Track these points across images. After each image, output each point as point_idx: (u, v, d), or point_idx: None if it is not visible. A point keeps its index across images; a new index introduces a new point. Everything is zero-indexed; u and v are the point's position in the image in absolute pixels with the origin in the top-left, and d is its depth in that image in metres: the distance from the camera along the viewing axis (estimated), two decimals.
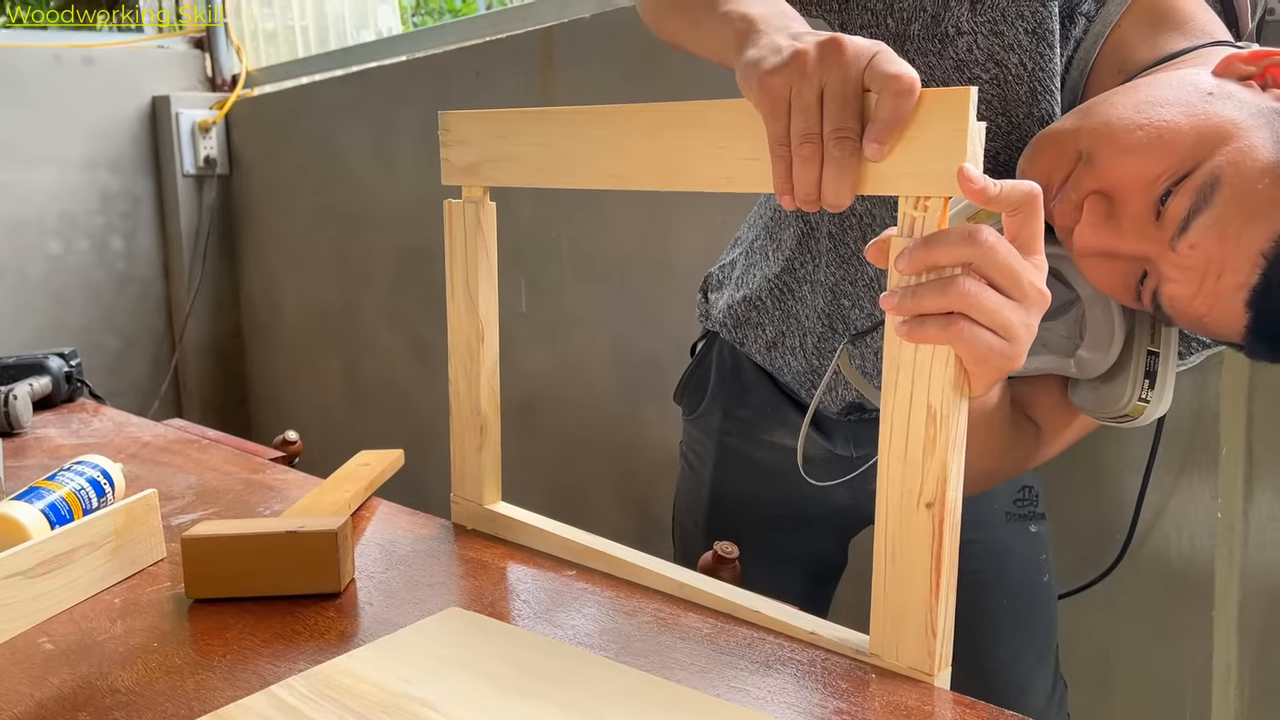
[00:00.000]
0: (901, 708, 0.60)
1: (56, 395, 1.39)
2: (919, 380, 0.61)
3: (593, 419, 1.96)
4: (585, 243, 1.91)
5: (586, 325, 1.94)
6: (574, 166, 0.77)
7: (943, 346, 0.59)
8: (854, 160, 0.59)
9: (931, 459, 0.61)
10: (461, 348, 0.90)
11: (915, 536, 0.62)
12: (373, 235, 2.50)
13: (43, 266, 2.81)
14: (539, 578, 0.82)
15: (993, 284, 0.58)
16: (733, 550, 1.07)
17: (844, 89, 0.58)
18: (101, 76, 2.86)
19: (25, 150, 2.74)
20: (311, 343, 2.82)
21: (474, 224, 0.86)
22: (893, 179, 0.59)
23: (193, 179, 2.94)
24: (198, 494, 1.04)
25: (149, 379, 3.01)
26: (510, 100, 2.00)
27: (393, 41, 2.54)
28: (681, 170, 0.70)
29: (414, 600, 0.77)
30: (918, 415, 0.61)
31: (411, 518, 0.96)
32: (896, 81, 0.56)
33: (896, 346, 0.61)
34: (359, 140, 2.48)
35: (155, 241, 3.00)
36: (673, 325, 1.78)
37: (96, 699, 0.64)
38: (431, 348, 2.38)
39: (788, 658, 0.67)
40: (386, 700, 0.58)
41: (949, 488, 0.61)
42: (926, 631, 0.62)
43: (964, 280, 0.57)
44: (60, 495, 0.86)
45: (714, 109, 0.68)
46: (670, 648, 0.68)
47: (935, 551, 0.61)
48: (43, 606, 0.75)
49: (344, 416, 2.73)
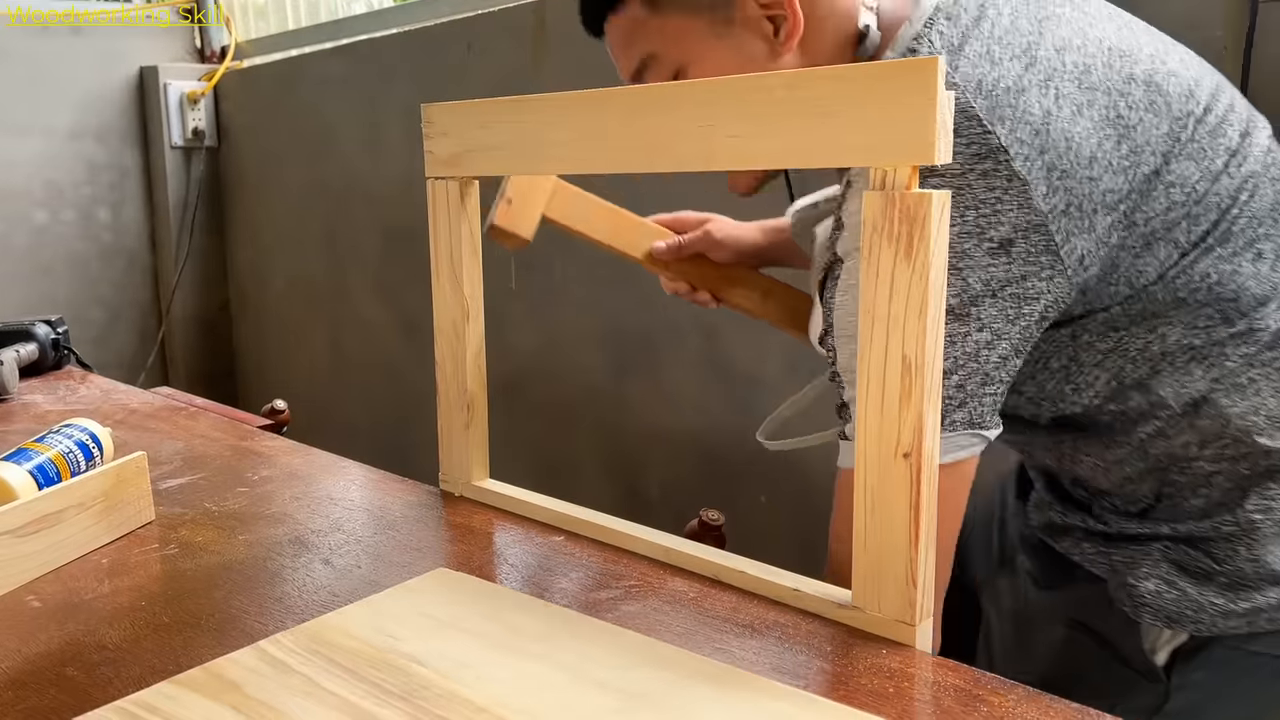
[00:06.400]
0: (884, 669, 0.61)
1: (43, 362, 1.39)
2: (894, 331, 0.61)
3: (581, 395, 1.97)
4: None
5: (576, 302, 1.94)
6: (556, 152, 0.78)
7: (915, 298, 0.60)
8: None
9: (908, 409, 0.61)
10: (447, 327, 0.90)
11: (894, 487, 0.63)
12: (361, 209, 2.49)
13: (28, 237, 2.79)
14: (526, 543, 0.82)
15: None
16: (719, 518, 1.07)
17: None
18: (89, 46, 2.83)
19: (11, 120, 2.72)
20: (299, 316, 2.82)
21: (458, 203, 0.87)
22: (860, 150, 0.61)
23: (181, 151, 2.92)
24: (185, 460, 1.04)
25: (135, 351, 2.99)
26: (503, 73, 1.99)
27: (384, 14, 2.53)
28: (663, 151, 0.71)
29: (401, 563, 0.78)
30: (893, 366, 0.62)
31: (400, 484, 0.96)
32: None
33: (871, 298, 0.62)
34: (349, 114, 2.47)
35: (142, 213, 2.98)
36: (661, 303, 1.79)
37: (84, 655, 0.64)
38: (418, 323, 2.38)
39: (772, 620, 0.68)
40: (374, 656, 0.59)
41: (925, 437, 0.61)
42: (908, 582, 0.63)
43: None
44: (48, 457, 0.85)
45: (695, 88, 0.69)
46: (655, 610, 0.69)
47: (914, 501, 0.62)
48: (31, 566, 0.75)
49: (330, 390, 2.72)
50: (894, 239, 0.61)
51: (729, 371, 1.71)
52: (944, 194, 0.60)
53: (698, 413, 1.77)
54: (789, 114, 0.64)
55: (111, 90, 2.88)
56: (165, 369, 3.05)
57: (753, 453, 1.71)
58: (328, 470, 1.01)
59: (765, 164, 0.67)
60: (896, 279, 0.61)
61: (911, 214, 0.60)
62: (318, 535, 0.84)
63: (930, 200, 0.59)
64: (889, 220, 0.61)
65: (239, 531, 0.85)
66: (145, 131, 2.95)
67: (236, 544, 0.82)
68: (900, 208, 0.60)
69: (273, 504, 0.92)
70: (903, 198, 0.60)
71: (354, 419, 2.61)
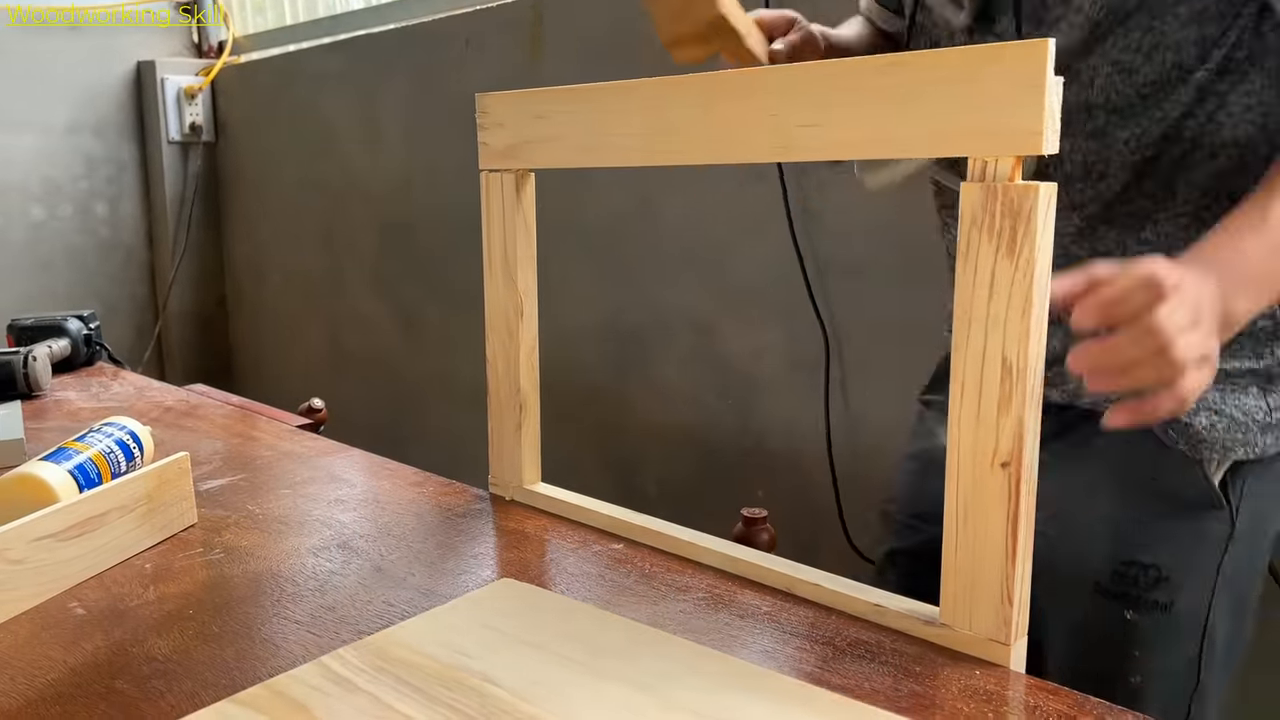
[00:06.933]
0: (979, 692, 0.58)
1: (76, 358, 1.36)
2: (993, 332, 0.58)
3: (578, 393, 1.94)
4: (572, 219, 1.88)
5: (575, 299, 1.92)
6: (621, 144, 0.74)
7: (1018, 297, 0.57)
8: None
9: (1007, 416, 0.58)
10: (500, 324, 0.87)
11: (990, 499, 0.59)
12: (358, 204, 2.47)
13: (26, 232, 2.76)
14: (583, 550, 0.79)
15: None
16: (759, 510, 1.04)
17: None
18: (86, 41, 2.80)
19: (8, 114, 2.69)
20: (295, 311, 2.80)
21: (513, 197, 0.83)
22: (958, 138, 0.57)
23: (178, 146, 2.89)
24: (224, 460, 1.01)
25: (132, 346, 2.97)
26: (500, 69, 1.97)
27: (382, 10, 2.50)
28: (735, 142, 0.67)
29: (457, 571, 0.74)
30: (991, 369, 0.58)
31: (447, 487, 0.93)
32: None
33: (969, 297, 0.58)
34: (346, 108, 2.45)
35: (139, 208, 2.96)
36: (660, 299, 1.76)
37: (133, 666, 0.61)
38: (415, 318, 2.36)
39: (853, 637, 0.64)
40: (444, 674, 0.55)
41: (1025, 446, 0.58)
42: (1002, 599, 0.60)
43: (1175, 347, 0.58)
44: (89, 456, 0.83)
45: (768, 75, 0.65)
46: (729, 625, 0.66)
47: (1012, 514, 0.59)
48: (73, 571, 0.73)
49: (327, 386, 2.70)
50: (995, 234, 0.57)
51: (726, 368, 1.69)
52: (1050, 186, 0.57)
53: (695, 409, 1.75)
54: (874, 101, 0.60)
55: (109, 85, 2.85)
56: (162, 364, 3.03)
57: (749, 449, 1.69)
58: (371, 471, 0.98)
59: (846, 154, 0.64)
60: (997, 277, 0.57)
61: (1015, 208, 0.56)
62: (366, 540, 0.81)
63: (1036, 193, 0.56)
64: (990, 214, 0.57)
65: (284, 535, 0.82)
66: (142, 127, 2.92)
67: (282, 549, 0.79)
68: (1003, 201, 0.57)
69: (317, 506, 0.89)
70: (1005, 190, 0.57)
71: (351, 414, 2.58)
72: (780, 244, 1.55)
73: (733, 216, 1.64)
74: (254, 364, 3.04)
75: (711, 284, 1.68)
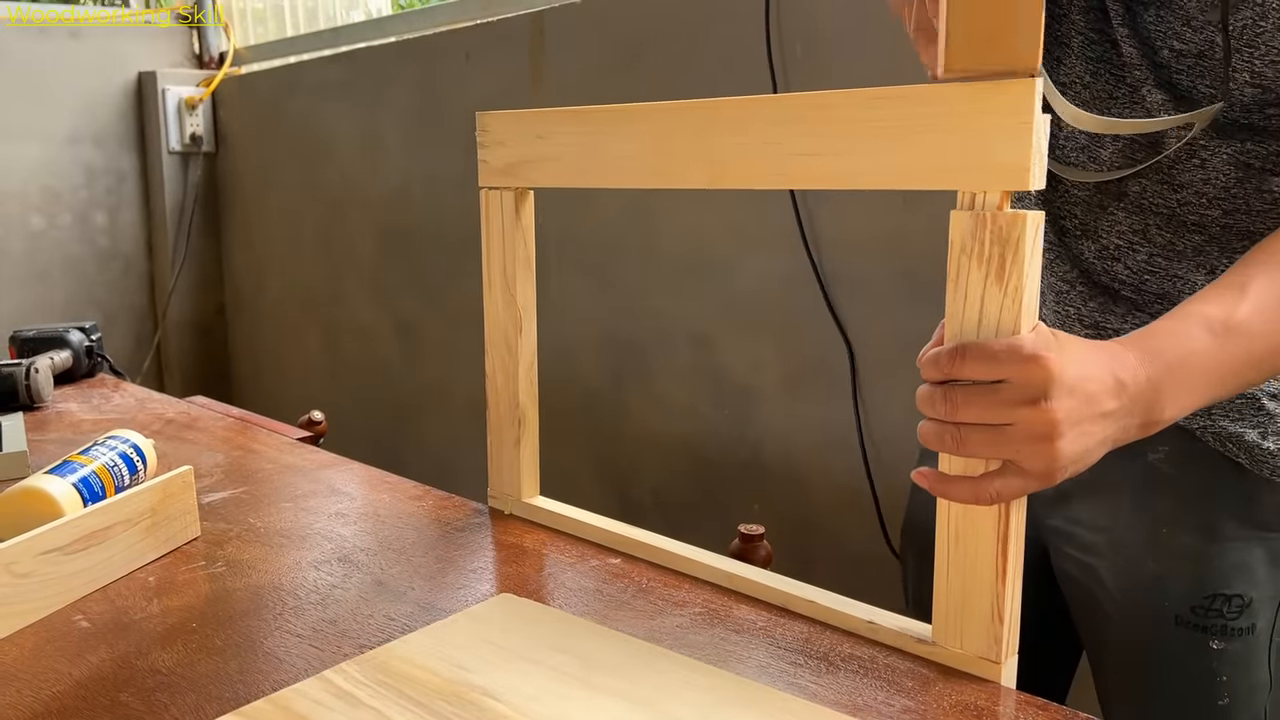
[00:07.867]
0: (970, 707, 0.59)
1: (77, 370, 1.37)
2: None
3: (575, 403, 1.95)
4: (572, 231, 1.90)
5: (572, 311, 1.93)
6: (618, 166, 0.75)
7: (1006, 322, 0.58)
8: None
9: None
10: (499, 340, 0.88)
11: (980, 518, 0.60)
12: (357, 215, 2.49)
13: (25, 241, 2.78)
14: (581, 565, 0.80)
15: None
16: (756, 527, 1.05)
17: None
18: (87, 51, 2.82)
19: (8, 124, 2.71)
20: (294, 321, 2.81)
21: (512, 214, 0.85)
22: (946, 173, 0.58)
23: (178, 156, 2.91)
24: (226, 472, 1.02)
25: (131, 355, 2.98)
26: (500, 84, 1.98)
27: (382, 22, 2.52)
28: (733, 169, 0.68)
29: (456, 585, 0.76)
30: None
31: (446, 500, 0.94)
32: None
33: (959, 322, 0.59)
34: (346, 121, 2.46)
35: (139, 218, 2.97)
36: (656, 312, 1.77)
37: (138, 679, 0.62)
38: (413, 328, 2.37)
39: (847, 653, 0.65)
40: (445, 688, 0.56)
41: None
42: (993, 617, 0.61)
43: (1016, 426, 0.57)
44: (93, 469, 0.84)
45: (764, 104, 0.67)
46: (724, 640, 0.67)
47: (1001, 533, 0.60)
48: (78, 584, 0.74)
49: (326, 395, 2.71)
50: (984, 261, 0.59)
51: (722, 380, 1.70)
52: (1038, 215, 0.58)
53: (691, 420, 1.76)
54: (869, 134, 0.62)
55: (109, 95, 2.87)
56: (161, 373, 3.04)
57: (746, 460, 1.70)
58: (370, 484, 0.99)
59: (842, 185, 0.65)
60: (986, 303, 0.59)
61: (1004, 236, 0.58)
62: (367, 554, 0.82)
63: (1024, 221, 0.57)
64: (979, 242, 0.59)
65: (286, 549, 0.83)
66: (143, 137, 2.94)
67: (284, 562, 0.80)
68: (992, 229, 0.58)
69: (318, 520, 0.90)
70: (994, 218, 0.58)
71: (349, 423, 2.60)
72: (779, 256, 1.57)
73: (731, 229, 1.65)
74: (253, 373, 3.05)
75: (710, 296, 1.70)
